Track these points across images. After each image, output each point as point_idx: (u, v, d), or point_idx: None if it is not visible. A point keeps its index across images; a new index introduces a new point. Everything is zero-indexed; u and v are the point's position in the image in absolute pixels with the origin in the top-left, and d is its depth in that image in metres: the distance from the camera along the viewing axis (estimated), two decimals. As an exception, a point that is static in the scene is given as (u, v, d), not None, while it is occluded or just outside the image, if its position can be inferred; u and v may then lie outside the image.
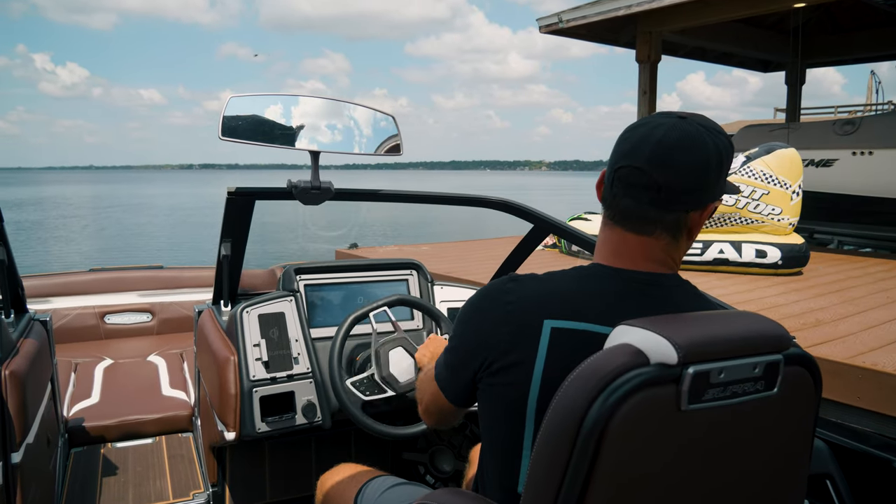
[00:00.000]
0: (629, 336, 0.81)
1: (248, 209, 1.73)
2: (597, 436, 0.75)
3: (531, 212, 1.87)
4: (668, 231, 0.97)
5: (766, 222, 4.84)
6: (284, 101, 1.57)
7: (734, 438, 0.84)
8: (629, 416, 0.75)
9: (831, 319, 3.41)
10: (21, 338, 1.78)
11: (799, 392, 0.88)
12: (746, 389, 0.81)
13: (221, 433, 1.81)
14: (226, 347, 1.82)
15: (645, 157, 0.93)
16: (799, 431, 0.91)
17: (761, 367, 0.81)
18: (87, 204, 42.67)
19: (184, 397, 2.66)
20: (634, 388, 0.75)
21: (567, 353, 0.92)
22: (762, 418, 0.85)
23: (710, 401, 0.79)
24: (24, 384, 1.56)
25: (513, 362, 0.96)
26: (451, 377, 1.09)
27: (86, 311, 3.43)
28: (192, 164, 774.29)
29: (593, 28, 7.90)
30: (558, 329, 0.94)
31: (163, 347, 3.26)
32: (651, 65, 7.72)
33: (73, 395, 2.63)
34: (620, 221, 0.99)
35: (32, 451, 1.62)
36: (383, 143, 1.68)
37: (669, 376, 0.77)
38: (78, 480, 2.21)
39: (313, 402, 1.82)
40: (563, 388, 0.80)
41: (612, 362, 0.78)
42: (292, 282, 1.95)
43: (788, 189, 4.79)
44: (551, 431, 0.79)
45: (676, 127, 0.93)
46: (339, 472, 1.55)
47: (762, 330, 0.85)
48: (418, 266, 2.15)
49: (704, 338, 0.79)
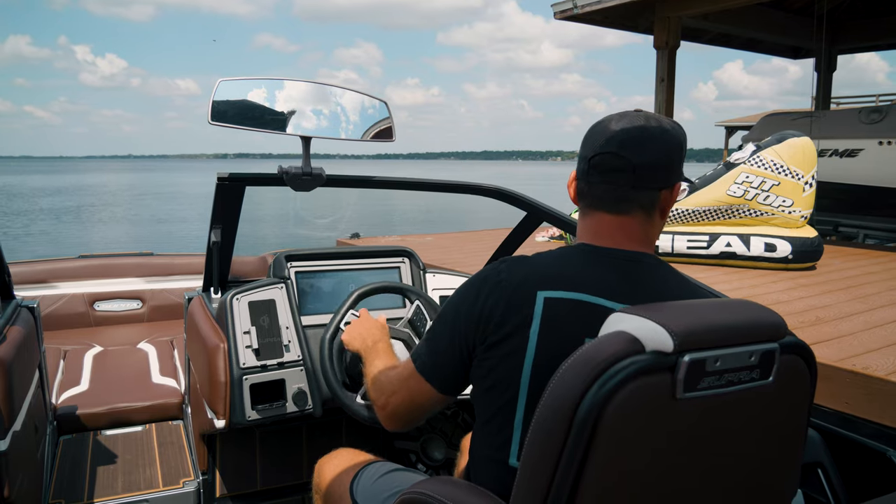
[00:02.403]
0: (625, 323, 0.81)
1: (239, 195, 1.72)
2: (591, 423, 0.74)
3: (523, 199, 1.86)
4: (644, 209, 1.04)
5: (776, 214, 4.62)
6: (275, 86, 1.55)
7: (729, 427, 0.84)
8: (624, 404, 0.75)
9: (833, 318, 3.22)
10: (7, 325, 1.76)
11: (794, 381, 0.88)
12: (742, 378, 0.81)
13: (211, 421, 1.80)
14: (216, 335, 1.81)
15: (617, 143, 1.02)
16: (793, 420, 0.91)
17: (757, 355, 0.81)
18: (123, 192, 43.66)
19: (174, 385, 2.64)
20: (630, 376, 0.75)
21: (560, 321, 0.97)
22: (757, 407, 0.85)
23: (705, 389, 0.78)
24: (11, 371, 1.55)
25: (508, 333, 0.99)
26: (439, 363, 1.09)
27: (75, 298, 3.42)
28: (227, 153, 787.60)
29: (609, 13, 7.66)
30: (551, 299, 0.98)
31: (153, 335, 3.24)
32: (669, 51, 7.46)
33: (61, 382, 2.61)
34: (598, 205, 1.06)
35: (19, 439, 1.61)
36: (375, 128, 1.68)
37: (665, 364, 0.77)
38: (67, 468, 2.19)
39: (304, 389, 1.81)
40: (558, 375, 0.80)
41: (608, 350, 0.78)
42: (283, 269, 1.94)
43: (800, 180, 4.56)
44: (547, 417, 0.78)
45: (637, 116, 1.04)
46: (337, 456, 1.57)
47: (758, 318, 0.85)
48: (410, 253, 2.14)
49: (700, 326, 0.79)
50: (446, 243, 6.30)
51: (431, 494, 1.02)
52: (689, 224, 4.86)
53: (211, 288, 2.03)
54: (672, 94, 7.64)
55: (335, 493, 1.46)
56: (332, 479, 1.50)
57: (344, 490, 1.43)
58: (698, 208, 4.79)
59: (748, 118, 21.43)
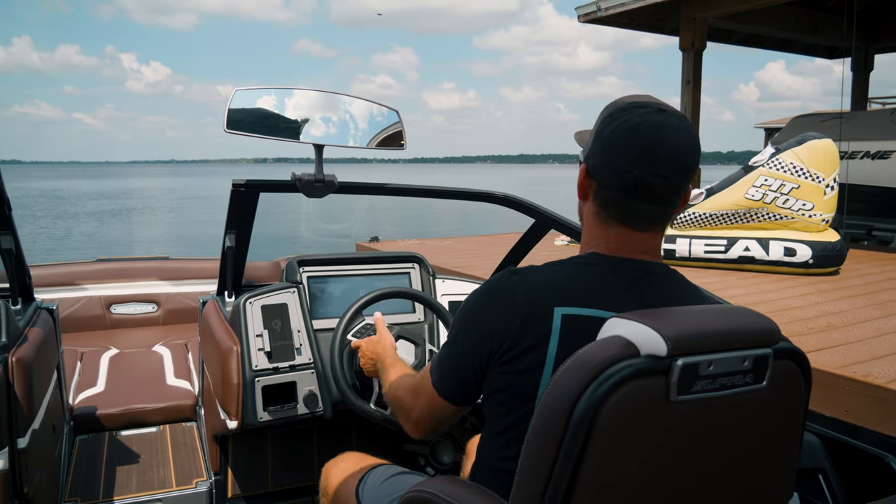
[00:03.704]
0: (621, 328, 0.83)
1: (253, 202, 1.76)
2: (586, 425, 0.76)
3: (532, 206, 1.88)
4: (665, 224, 1.03)
5: (796, 218, 4.53)
6: (289, 95, 1.60)
7: (723, 430, 0.85)
8: (618, 406, 0.77)
9: (845, 324, 3.15)
10: (28, 326, 1.79)
11: (788, 386, 0.89)
12: (735, 382, 0.82)
13: (224, 422, 1.83)
14: (229, 337, 1.84)
15: (666, 163, 0.96)
16: (788, 425, 0.92)
17: (750, 360, 0.83)
18: (162, 195, 44.70)
19: (188, 387, 2.68)
20: (624, 379, 0.77)
21: (578, 339, 0.94)
22: (751, 411, 0.86)
23: (698, 392, 0.80)
24: (31, 371, 1.57)
25: (525, 349, 0.97)
26: (451, 375, 1.09)
27: (92, 301, 3.48)
28: (267, 158, 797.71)
29: (635, 15, 7.59)
30: (568, 316, 0.97)
31: (168, 338, 3.28)
32: (695, 53, 7.35)
33: (78, 383, 2.65)
34: (627, 221, 1.01)
35: (38, 437, 1.64)
36: (386, 137, 1.71)
37: (659, 367, 0.78)
38: (82, 467, 2.24)
39: (315, 392, 1.84)
40: (554, 378, 0.81)
41: (603, 353, 0.80)
42: (295, 273, 1.97)
43: (821, 183, 4.46)
44: (544, 418, 0.80)
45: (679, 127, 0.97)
46: (344, 459, 1.58)
47: (751, 324, 0.86)
48: (420, 259, 2.16)
49: (694, 331, 0.81)
50: (466, 247, 6.32)
51: (436, 493, 1.03)
52: (706, 228, 4.80)
53: (225, 292, 2.07)
54: (698, 97, 7.53)
55: (342, 496, 1.47)
56: (339, 483, 1.51)
57: (350, 493, 1.44)
58: (716, 212, 4.72)
59: (788, 119, 20.93)
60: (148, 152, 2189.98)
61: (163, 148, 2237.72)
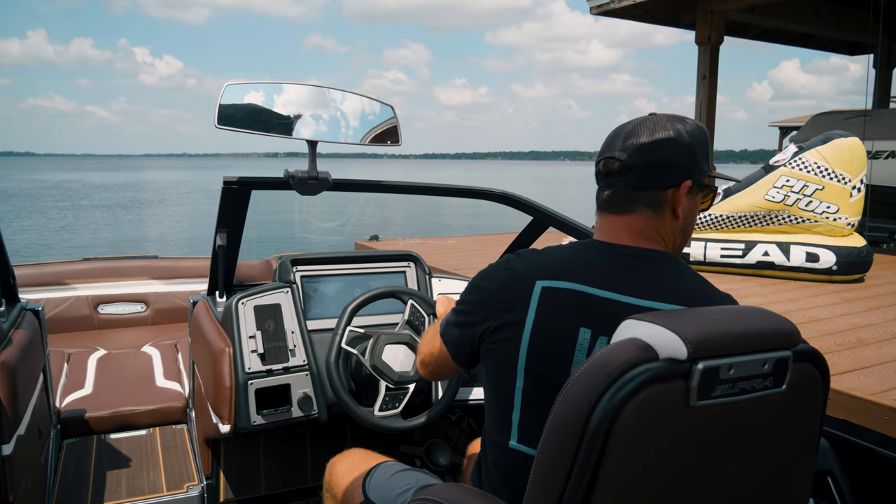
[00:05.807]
0: (637, 330, 0.81)
1: (245, 199, 1.74)
2: (604, 432, 0.74)
3: (529, 204, 1.89)
4: (649, 206, 1.07)
5: (819, 221, 4.25)
6: (282, 90, 1.57)
7: (742, 435, 0.84)
8: (637, 412, 0.75)
9: (877, 340, 2.89)
10: (12, 328, 1.76)
11: (807, 389, 0.88)
12: (755, 386, 0.81)
13: (216, 426, 1.80)
14: (221, 339, 1.81)
15: (617, 147, 1.08)
16: (806, 428, 0.91)
17: (770, 363, 0.81)
18: (171, 188, 45.00)
19: (178, 389, 2.63)
20: (643, 384, 0.75)
21: (553, 309, 1.02)
22: (770, 415, 0.85)
23: (719, 397, 0.78)
24: (15, 375, 1.55)
25: (507, 321, 1.05)
26: (455, 335, 1.17)
27: (79, 301, 3.41)
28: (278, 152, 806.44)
29: (650, 7, 7.33)
30: (548, 288, 1.03)
31: (157, 338, 3.22)
32: (712, 47, 7.08)
33: (65, 385, 2.61)
34: (605, 207, 1.11)
35: (24, 443, 1.62)
36: (380, 133, 1.70)
37: (679, 372, 0.77)
38: (70, 472, 2.19)
39: (309, 394, 1.81)
40: (570, 382, 0.79)
41: (621, 357, 0.77)
42: (288, 273, 1.94)
43: (847, 184, 4.18)
44: (560, 423, 0.78)
45: (645, 120, 1.09)
46: (350, 455, 1.60)
47: (771, 325, 0.85)
48: (415, 258, 2.15)
49: (714, 333, 0.79)
50: (469, 246, 6.10)
51: (444, 501, 1.03)
52: (723, 231, 4.53)
53: (216, 291, 2.03)
54: (714, 92, 7.25)
55: (348, 491, 1.48)
56: (345, 477, 1.52)
57: (356, 487, 1.46)
58: (733, 214, 4.45)
59: (804, 118, 20.56)
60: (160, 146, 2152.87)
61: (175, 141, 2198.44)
